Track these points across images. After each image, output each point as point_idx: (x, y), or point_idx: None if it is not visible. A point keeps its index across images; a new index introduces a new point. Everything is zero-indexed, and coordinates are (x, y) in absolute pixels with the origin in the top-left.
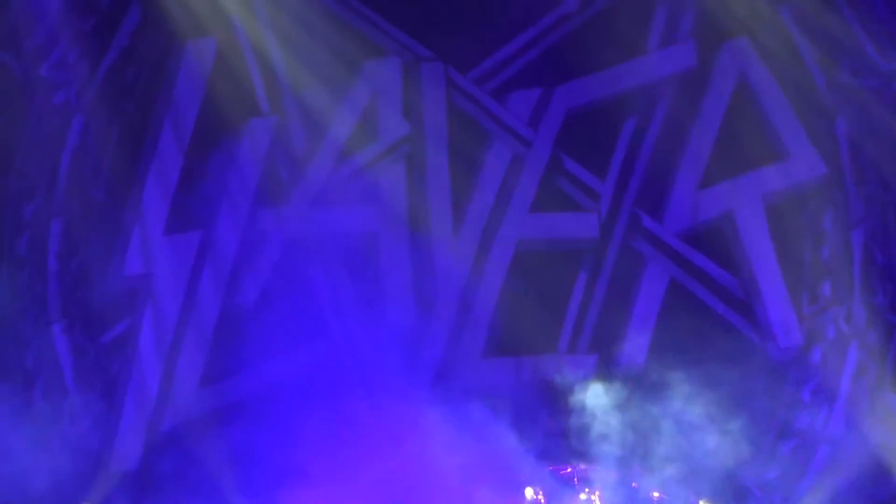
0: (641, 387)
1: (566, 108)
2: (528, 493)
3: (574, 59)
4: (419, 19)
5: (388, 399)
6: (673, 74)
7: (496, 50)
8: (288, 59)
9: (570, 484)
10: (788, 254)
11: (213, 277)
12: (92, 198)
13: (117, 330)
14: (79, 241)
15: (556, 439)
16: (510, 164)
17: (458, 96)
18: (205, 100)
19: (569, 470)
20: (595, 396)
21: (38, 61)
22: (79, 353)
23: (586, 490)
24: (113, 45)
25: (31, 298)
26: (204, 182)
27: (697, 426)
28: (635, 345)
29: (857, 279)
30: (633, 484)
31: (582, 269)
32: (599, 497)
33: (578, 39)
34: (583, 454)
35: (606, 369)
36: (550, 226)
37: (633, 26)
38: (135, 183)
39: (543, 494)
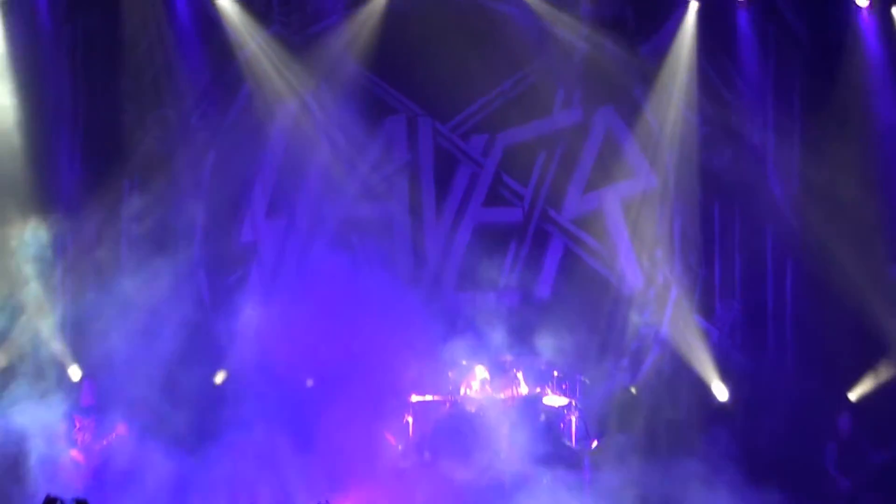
0: (548, 311)
1: (504, 145)
2: (479, 370)
3: (508, 116)
4: (417, 91)
5: (395, 317)
6: (568, 126)
7: (463, 110)
8: (338, 115)
9: (505, 367)
10: (635, 232)
11: (294, 244)
12: (223, 194)
13: (237, 274)
14: (215, 222)
15: (499, 342)
16: (470, 178)
17: (440, 138)
18: (289, 138)
19: (506, 358)
20: (520, 318)
21: (189, 114)
22: (213, 289)
23: (514, 370)
24: (234, 105)
25: (186, 256)
26: (288, 187)
27: (575, 333)
28: (545, 283)
29: (677, 247)
30: (542, 366)
31: (513, 240)
32: (522, 375)
33: (511, 105)
34: (515, 350)
35: (527, 300)
36: (494, 215)
37: (544, 97)
38: (248, 187)
39: (489, 372)
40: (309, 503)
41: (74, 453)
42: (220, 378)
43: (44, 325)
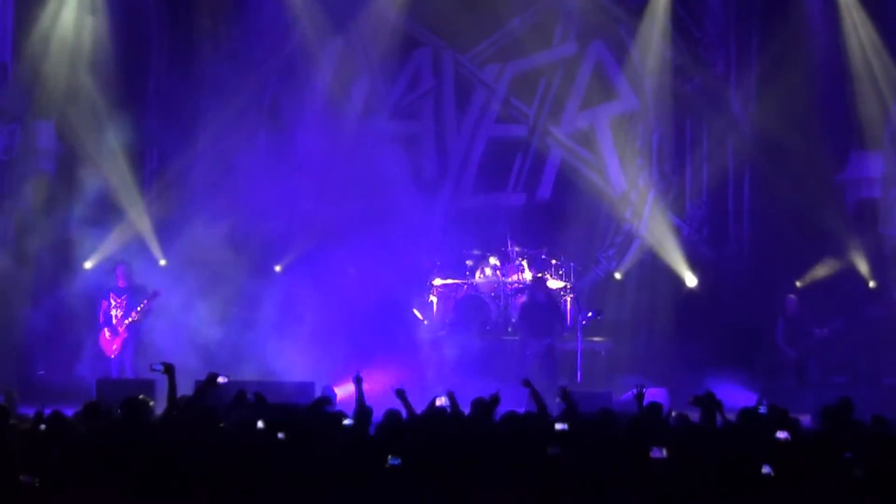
0: (548, 210)
1: (512, 72)
2: (492, 259)
3: (516, 48)
4: (441, 27)
5: (422, 215)
6: (565, 57)
7: (478, 44)
8: (375, 48)
9: (512, 256)
10: (619, 144)
11: (338, 156)
12: (280, 113)
13: (291, 179)
14: (274, 136)
15: (508, 235)
16: (484, 100)
17: (459, 67)
18: (335, 68)
19: (513, 249)
20: (524, 216)
21: (254, 47)
22: (271, 191)
23: (519, 259)
24: (291, 40)
25: (249, 162)
26: (334, 108)
27: (570, 228)
28: (545, 186)
29: (655, 157)
30: (542, 256)
31: (519, 151)
32: (526, 263)
33: (518, 39)
34: (520, 242)
35: (530, 201)
36: (505, 129)
37: (545, 32)
38: (300, 107)
39: (499, 260)
40: (345, 375)
41: (106, 331)
42: (278, 268)
43: (133, 200)
